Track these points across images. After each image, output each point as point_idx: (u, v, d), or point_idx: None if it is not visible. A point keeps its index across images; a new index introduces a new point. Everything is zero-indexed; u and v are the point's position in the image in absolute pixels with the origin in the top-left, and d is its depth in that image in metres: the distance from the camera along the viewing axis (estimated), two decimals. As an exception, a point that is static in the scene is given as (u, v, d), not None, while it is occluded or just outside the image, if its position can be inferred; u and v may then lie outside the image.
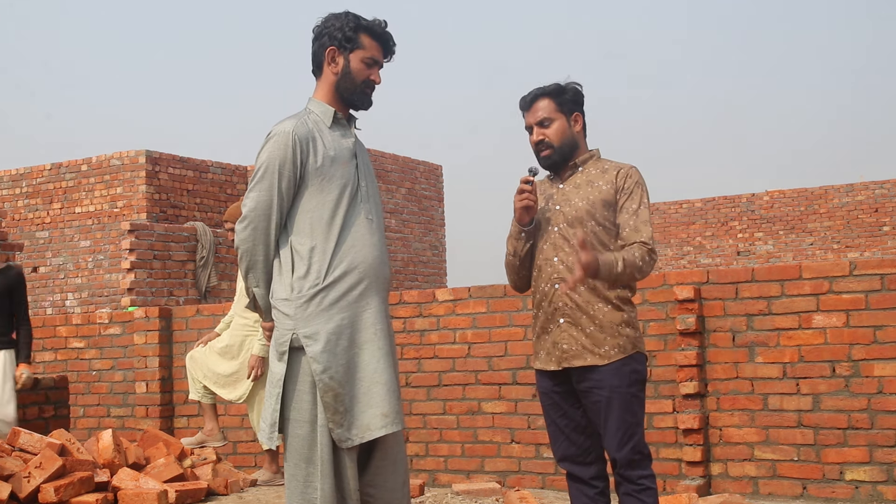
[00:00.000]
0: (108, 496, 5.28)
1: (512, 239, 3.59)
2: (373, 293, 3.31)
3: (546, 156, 3.53)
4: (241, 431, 7.11)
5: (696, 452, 5.54)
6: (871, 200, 18.97)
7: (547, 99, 3.53)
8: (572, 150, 3.55)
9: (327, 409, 3.19)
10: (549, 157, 3.53)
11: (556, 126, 3.52)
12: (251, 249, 3.30)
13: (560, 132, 3.52)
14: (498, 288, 6.28)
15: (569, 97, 3.54)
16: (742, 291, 5.54)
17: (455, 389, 6.35)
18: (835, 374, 5.30)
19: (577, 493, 3.58)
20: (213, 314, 7.31)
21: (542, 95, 3.54)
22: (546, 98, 3.53)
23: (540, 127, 3.53)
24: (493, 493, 5.77)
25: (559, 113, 3.52)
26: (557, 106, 3.52)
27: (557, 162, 3.54)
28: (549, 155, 3.53)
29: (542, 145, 3.53)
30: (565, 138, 3.52)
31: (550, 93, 3.53)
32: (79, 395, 7.68)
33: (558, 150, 3.52)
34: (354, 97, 3.40)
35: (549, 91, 3.54)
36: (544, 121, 3.52)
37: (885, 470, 5.16)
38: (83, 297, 13.63)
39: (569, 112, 3.54)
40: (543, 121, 3.52)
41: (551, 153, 3.52)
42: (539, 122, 3.53)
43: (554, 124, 3.52)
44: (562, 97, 3.53)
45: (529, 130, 3.57)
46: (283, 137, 3.29)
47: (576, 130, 3.55)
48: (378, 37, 3.40)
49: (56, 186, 14.36)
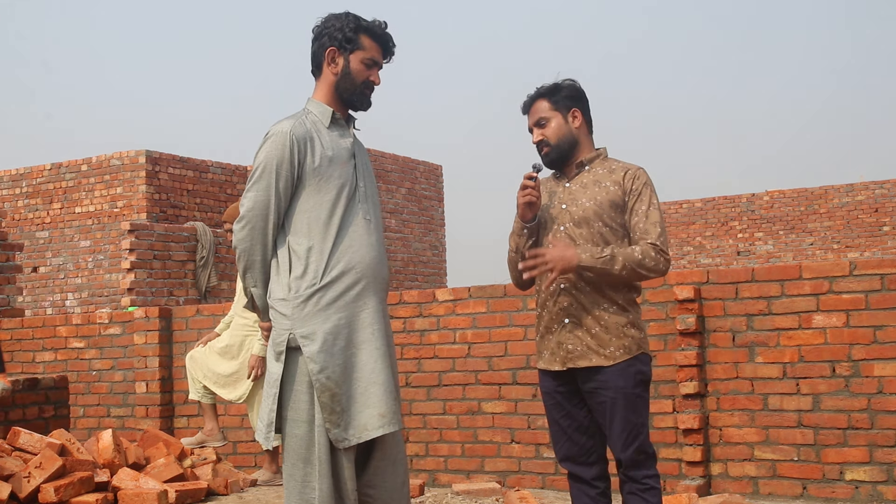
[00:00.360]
0: (108, 496, 5.28)
1: (514, 235, 3.59)
2: (370, 293, 3.31)
3: (545, 154, 3.56)
4: (241, 431, 7.11)
5: (696, 452, 5.54)
6: (871, 200, 18.97)
7: (542, 100, 3.57)
8: (572, 146, 3.56)
9: (324, 409, 3.19)
10: (549, 155, 3.56)
11: (552, 125, 3.55)
12: (249, 249, 3.30)
13: (557, 130, 3.54)
14: (498, 288, 6.28)
15: (564, 94, 3.56)
16: (742, 291, 5.54)
17: (455, 389, 6.35)
18: (835, 374, 5.30)
19: (579, 494, 3.58)
20: (213, 314, 7.31)
21: (536, 97, 3.59)
22: (541, 99, 3.58)
23: (538, 127, 3.57)
24: (493, 493, 5.77)
25: (555, 111, 3.55)
26: (552, 105, 3.56)
27: (557, 159, 3.56)
28: (547, 153, 3.56)
29: (542, 144, 3.57)
30: (563, 135, 3.54)
31: (545, 93, 3.58)
32: (79, 395, 7.68)
33: (556, 148, 3.54)
34: (354, 98, 3.40)
35: (544, 92, 3.58)
36: (541, 121, 3.56)
37: (885, 470, 5.16)
38: (83, 297, 13.63)
39: (565, 109, 3.56)
40: (540, 121, 3.56)
41: (549, 151, 3.55)
42: (536, 123, 3.57)
43: (551, 123, 3.55)
44: (556, 95, 3.56)
45: (530, 132, 3.62)
46: (281, 138, 3.29)
47: (575, 126, 3.56)
48: (378, 38, 3.40)
49: (56, 186, 14.37)
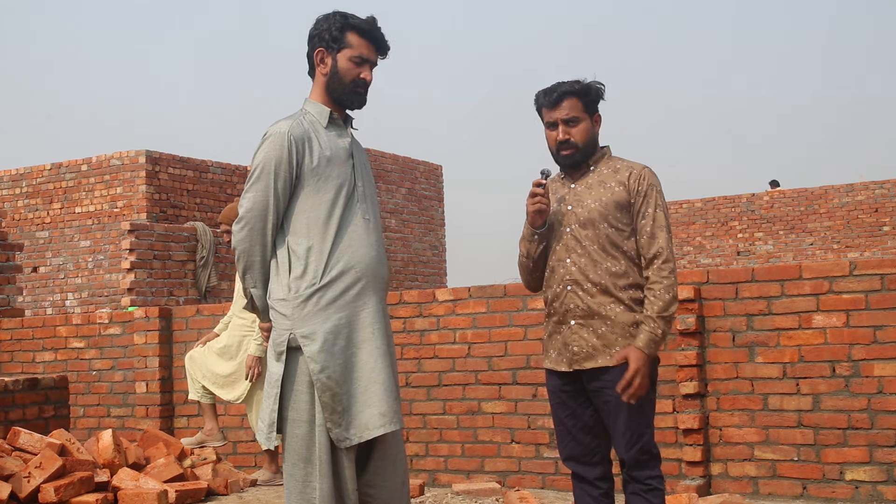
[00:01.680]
0: (108, 496, 5.27)
1: (525, 241, 3.57)
2: (370, 293, 3.31)
3: (568, 155, 3.49)
4: (241, 431, 7.11)
5: (696, 452, 5.54)
6: (871, 200, 18.96)
7: (574, 98, 3.47)
8: (592, 150, 3.53)
9: (325, 408, 3.19)
10: (572, 157, 3.49)
11: (581, 126, 3.48)
12: (248, 250, 3.30)
13: (585, 133, 3.48)
14: (498, 288, 6.28)
15: (592, 98, 3.50)
16: (742, 291, 5.54)
17: (455, 389, 6.35)
18: (835, 374, 5.30)
19: (582, 494, 3.57)
20: (213, 314, 7.31)
21: (570, 94, 3.47)
22: (574, 97, 3.47)
23: (566, 125, 3.47)
24: (493, 493, 5.77)
25: (585, 113, 3.48)
26: (584, 106, 3.48)
27: (579, 162, 3.51)
28: (571, 154, 3.48)
29: (567, 145, 3.48)
30: (589, 139, 3.50)
31: (578, 92, 3.47)
32: (79, 395, 7.68)
33: (582, 151, 3.49)
34: (345, 97, 3.38)
35: (577, 90, 3.47)
36: (571, 120, 3.47)
37: (885, 470, 5.15)
38: (83, 297, 13.62)
39: (592, 112, 3.51)
40: (570, 120, 3.47)
41: (574, 153, 3.48)
42: (566, 121, 3.47)
43: (580, 125, 3.47)
44: (587, 97, 3.48)
45: (551, 126, 3.50)
46: (279, 138, 3.28)
47: (596, 131, 3.53)
48: (365, 34, 3.36)
49: (56, 186, 14.36)
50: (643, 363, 3.34)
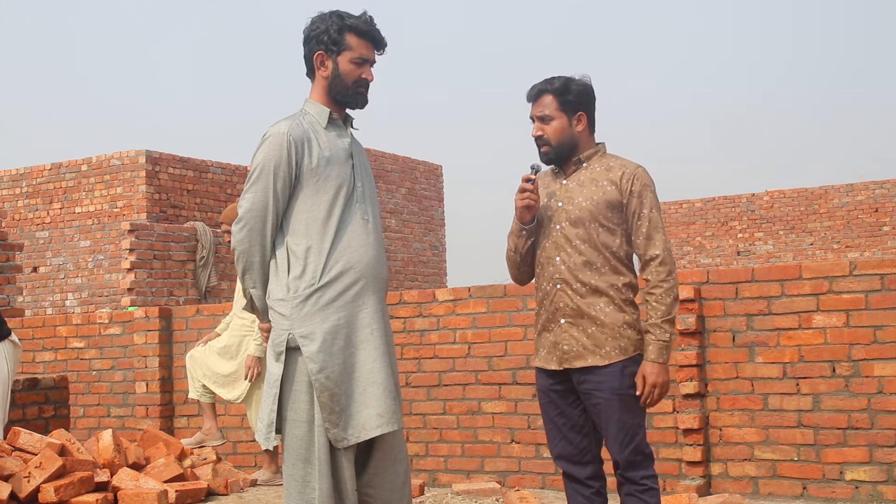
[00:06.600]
0: (108, 496, 5.27)
1: (513, 236, 3.57)
2: (369, 293, 3.31)
3: (544, 152, 3.52)
4: (241, 431, 7.11)
5: (696, 452, 5.54)
6: (871, 200, 18.96)
7: (550, 95, 3.49)
8: (571, 149, 3.52)
9: (324, 408, 3.19)
10: (547, 154, 3.52)
11: (555, 125, 3.48)
12: (248, 251, 3.30)
13: (559, 131, 3.48)
14: (498, 288, 6.27)
15: (572, 97, 3.48)
16: (742, 291, 5.54)
17: (455, 389, 6.34)
18: (835, 374, 5.30)
19: (573, 493, 3.57)
20: (213, 314, 7.31)
21: (545, 91, 3.50)
22: (549, 94, 3.49)
23: (540, 122, 3.51)
24: (493, 493, 5.77)
25: (560, 112, 3.48)
26: (559, 105, 3.48)
27: (555, 159, 3.53)
28: (546, 152, 3.52)
29: (541, 141, 3.51)
30: (563, 138, 3.49)
31: (555, 90, 3.49)
32: (79, 395, 7.68)
33: (555, 149, 3.50)
34: (348, 98, 3.39)
35: (554, 88, 3.49)
36: (545, 117, 3.49)
37: (885, 470, 5.15)
38: (83, 297, 13.62)
39: (571, 111, 3.49)
40: (544, 117, 3.49)
41: (548, 150, 3.51)
42: (540, 118, 3.50)
43: (553, 122, 3.48)
44: (566, 96, 3.48)
45: (532, 121, 3.55)
46: (278, 138, 3.28)
47: (577, 130, 3.50)
48: (364, 34, 3.36)
49: (56, 186, 14.36)
50: (658, 374, 3.38)
